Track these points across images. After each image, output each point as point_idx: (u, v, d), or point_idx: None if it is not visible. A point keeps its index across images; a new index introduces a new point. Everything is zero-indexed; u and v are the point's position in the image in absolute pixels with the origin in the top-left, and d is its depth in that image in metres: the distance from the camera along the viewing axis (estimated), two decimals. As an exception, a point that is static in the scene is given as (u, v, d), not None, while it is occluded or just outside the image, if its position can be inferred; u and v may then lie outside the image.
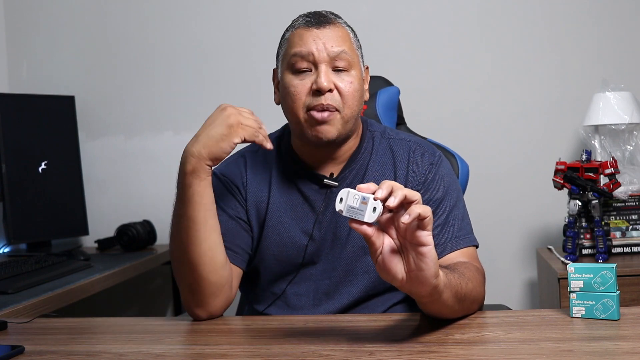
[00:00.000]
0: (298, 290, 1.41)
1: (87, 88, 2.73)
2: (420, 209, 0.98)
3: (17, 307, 1.60)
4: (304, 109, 1.33)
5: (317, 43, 1.33)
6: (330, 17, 1.38)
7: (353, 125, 1.37)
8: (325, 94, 1.31)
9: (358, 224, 1.00)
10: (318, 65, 1.33)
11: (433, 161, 1.42)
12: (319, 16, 1.37)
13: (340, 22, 1.38)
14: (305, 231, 1.40)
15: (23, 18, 2.77)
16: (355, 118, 1.37)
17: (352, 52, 1.35)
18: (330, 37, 1.34)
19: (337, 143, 1.38)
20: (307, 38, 1.34)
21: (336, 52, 1.33)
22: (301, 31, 1.35)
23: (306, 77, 1.34)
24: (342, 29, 1.37)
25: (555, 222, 2.45)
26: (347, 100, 1.33)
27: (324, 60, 1.33)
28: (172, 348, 1.17)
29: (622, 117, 2.23)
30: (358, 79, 1.36)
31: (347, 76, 1.34)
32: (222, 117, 1.26)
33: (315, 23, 1.35)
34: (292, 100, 1.34)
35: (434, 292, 1.06)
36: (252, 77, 2.65)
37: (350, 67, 1.35)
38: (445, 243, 1.34)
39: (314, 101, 1.32)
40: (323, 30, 1.34)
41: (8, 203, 2.32)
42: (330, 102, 1.32)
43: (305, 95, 1.33)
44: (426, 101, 2.52)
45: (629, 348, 1.01)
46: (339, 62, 1.33)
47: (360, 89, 1.37)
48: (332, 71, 1.33)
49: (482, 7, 2.54)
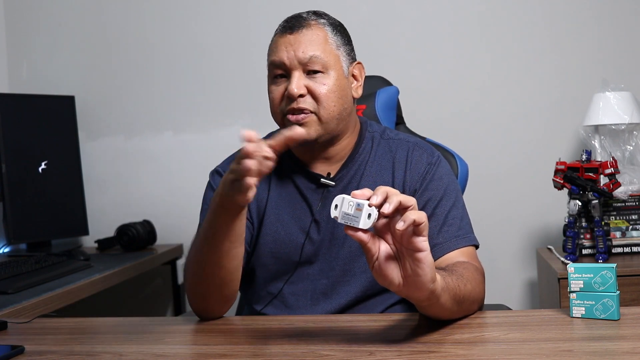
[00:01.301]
0: (295, 290, 1.42)
1: (87, 88, 2.72)
2: (415, 215, 0.98)
3: (17, 307, 1.60)
4: (280, 114, 1.37)
5: (288, 51, 1.36)
6: (307, 19, 1.39)
7: (337, 125, 1.38)
8: (297, 98, 1.34)
9: (353, 231, 1.00)
10: (290, 72, 1.36)
11: (431, 161, 1.42)
12: (295, 20, 1.39)
13: (320, 22, 1.39)
14: (302, 229, 1.41)
15: (23, 18, 2.77)
16: (338, 118, 1.38)
17: (326, 54, 1.36)
18: (302, 42, 1.36)
19: (324, 143, 1.39)
20: (279, 46, 1.37)
21: (307, 58, 1.35)
22: (276, 38, 1.39)
23: (281, 82, 1.38)
24: (318, 30, 1.38)
25: (555, 222, 2.45)
26: (322, 102, 1.35)
27: (295, 67, 1.36)
28: (172, 348, 1.17)
29: (622, 117, 2.23)
30: (335, 78, 1.37)
31: (322, 78, 1.36)
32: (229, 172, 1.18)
33: (289, 28, 1.38)
34: (271, 106, 1.39)
35: (432, 296, 1.06)
36: (252, 77, 2.65)
37: (326, 68, 1.36)
38: (444, 242, 1.34)
39: (287, 106, 1.35)
40: (296, 35, 1.36)
41: (8, 203, 2.32)
42: (302, 106, 1.34)
43: (279, 100, 1.37)
44: (425, 101, 2.52)
45: (629, 348, 1.01)
46: (311, 65, 1.36)
47: (339, 89, 1.37)
48: (306, 75, 1.36)
49: (481, 7, 2.54)
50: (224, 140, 2.59)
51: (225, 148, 1.64)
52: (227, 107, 2.68)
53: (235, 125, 2.65)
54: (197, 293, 1.32)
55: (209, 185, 1.48)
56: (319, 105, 1.35)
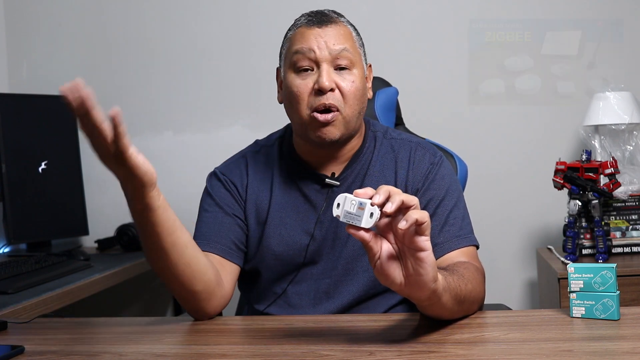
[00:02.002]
0: (299, 289, 1.41)
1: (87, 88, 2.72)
2: (417, 214, 0.98)
3: (17, 307, 1.60)
4: (307, 109, 1.33)
5: (318, 41, 1.33)
6: (332, 15, 1.38)
7: (355, 124, 1.37)
8: (327, 93, 1.31)
9: (355, 230, 1.00)
10: (320, 63, 1.33)
11: (434, 161, 1.42)
12: (321, 15, 1.37)
13: (343, 20, 1.39)
14: (306, 231, 1.40)
15: (23, 18, 2.77)
16: (358, 117, 1.37)
17: (354, 51, 1.36)
18: (332, 35, 1.34)
19: (340, 143, 1.38)
20: (308, 36, 1.34)
21: (338, 50, 1.33)
22: (303, 29, 1.35)
23: (308, 76, 1.34)
24: (344, 27, 1.37)
25: (555, 222, 2.45)
26: (348, 100, 1.33)
27: (325, 59, 1.33)
28: (172, 348, 1.17)
29: (622, 117, 2.23)
30: (360, 77, 1.36)
31: (349, 75, 1.34)
32: None
33: (317, 22, 1.35)
34: (296, 101, 1.34)
35: (433, 296, 1.06)
36: (252, 77, 2.65)
37: (353, 65, 1.35)
38: (445, 242, 1.34)
39: (316, 101, 1.32)
40: (325, 28, 1.34)
41: (8, 203, 2.32)
42: (331, 102, 1.32)
43: (307, 95, 1.33)
44: (425, 101, 2.52)
45: (629, 348, 1.01)
46: (340, 60, 1.33)
47: (362, 88, 1.37)
48: (333, 70, 1.34)
49: (481, 7, 2.54)
50: (224, 140, 2.60)
51: (225, 148, 1.64)
52: (227, 107, 2.68)
53: (236, 125, 2.65)
54: (177, 296, 1.30)
55: (206, 186, 1.48)
56: (345, 103, 1.33)
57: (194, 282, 1.26)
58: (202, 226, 1.42)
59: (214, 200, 1.43)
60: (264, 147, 1.49)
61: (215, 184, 1.45)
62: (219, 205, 1.41)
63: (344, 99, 1.33)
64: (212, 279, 1.29)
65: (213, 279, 1.29)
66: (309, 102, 1.33)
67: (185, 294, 1.28)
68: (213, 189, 1.44)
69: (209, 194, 1.45)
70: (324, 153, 1.40)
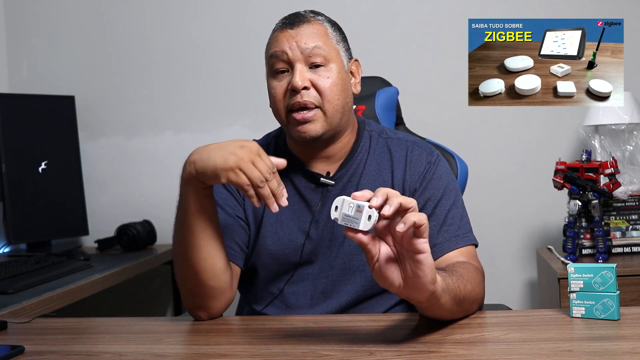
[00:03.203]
0: (296, 289, 1.41)
1: (87, 88, 2.72)
2: (415, 217, 0.98)
3: (17, 307, 1.60)
4: (285, 110, 1.36)
5: (290, 42, 1.35)
6: (306, 15, 1.40)
7: (340, 120, 1.38)
8: (301, 91, 1.33)
9: (353, 232, 1.00)
10: (293, 64, 1.35)
11: (431, 160, 1.42)
12: (295, 17, 1.39)
13: (319, 19, 1.40)
14: (302, 230, 1.41)
15: (23, 18, 2.77)
16: (342, 112, 1.37)
17: (327, 47, 1.36)
18: (304, 34, 1.36)
19: (326, 139, 1.38)
20: (281, 39, 1.37)
21: (309, 48, 1.35)
22: (277, 33, 1.39)
23: (284, 77, 1.36)
24: (318, 25, 1.38)
25: (555, 222, 2.45)
26: (326, 96, 1.35)
27: (297, 59, 1.35)
28: (172, 348, 1.17)
29: (622, 117, 2.23)
30: (337, 72, 1.37)
31: (324, 71, 1.35)
32: (229, 151, 1.20)
33: (289, 23, 1.38)
34: (274, 103, 1.38)
35: (432, 297, 1.06)
36: (252, 77, 2.64)
37: (327, 61, 1.36)
38: (444, 242, 1.34)
39: (291, 100, 1.34)
40: (297, 29, 1.36)
41: (8, 203, 2.32)
42: (307, 99, 1.33)
43: (283, 96, 1.36)
44: (425, 101, 2.52)
45: (629, 348, 1.01)
46: (313, 58, 1.35)
47: (341, 82, 1.37)
48: (308, 69, 1.35)
49: (481, 7, 2.54)
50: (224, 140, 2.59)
51: (225, 148, 1.64)
52: (227, 107, 2.68)
53: (236, 125, 2.66)
54: (187, 288, 1.31)
55: None
56: (323, 99, 1.34)
57: (211, 276, 1.29)
58: None
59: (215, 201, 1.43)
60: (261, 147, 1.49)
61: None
62: (221, 206, 1.41)
63: (321, 96, 1.35)
64: (226, 280, 1.32)
65: (227, 280, 1.32)
66: (285, 102, 1.36)
67: (199, 288, 1.29)
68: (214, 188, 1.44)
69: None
70: (313, 151, 1.41)
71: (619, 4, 2.48)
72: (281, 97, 1.36)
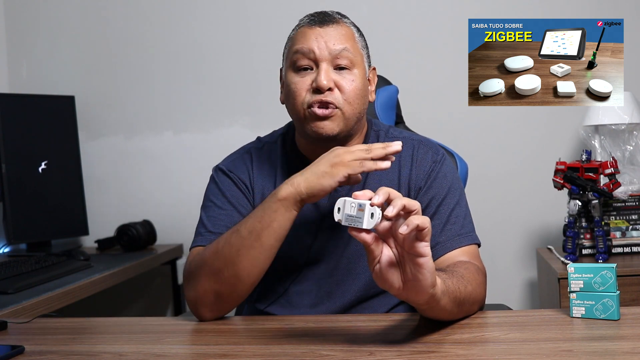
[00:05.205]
0: (301, 289, 1.41)
1: (87, 88, 2.72)
2: (419, 219, 0.98)
3: (17, 307, 1.60)
4: (303, 105, 1.34)
5: (318, 41, 1.34)
6: (334, 16, 1.38)
7: (355, 124, 1.37)
8: (325, 92, 1.32)
9: (357, 232, 1.01)
10: (319, 63, 1.33)
11: (436, 159, 1.42)
12: (323, 15, 1.38)
13: (346, 21, 1.39)
14: (309, 230, 1.40)
15: (23, 18, 2.77)
16: (358, 117, 1.37)
17: (354, 51, 1.36)
18: (333, 35, 1.34)
19: (338, 140, 1.38)
20: (309, 36, 1.34)
21: (338, 50, 1.33)
22: (304, 29, 1.36)
23: (307, 74, 1.34)
24: (346, 27, 1.37)
25: (555, 222, 2.45)
26: (348, 98, 1.33)
27: (324, 59, 1.33)
28: (172, 348, 1.17)
29: (622, 117, 2.23)
30: (360, 77, 1.36)
31: (349, 74, 1.34)
32: (329, 157, 1.25)
33: (319, 21, 1.36)
34: (293, 97, 1.35)
35: (432, 300, 1.06)
36: (252, 77, 2.65)
37: (353, 65, 1.35)
38: (447, 241, 1.33)
39: (313, 98, 1.33)
40: (326, 28, 1.35)
41: (8, 203, 2.32)
42: (329, 99, 1.32)
43: (304, 91, 1.34)
44: (425, 100, 2.52)
45: (629, 348, 1.01)
46: (340, 60, 1.34)
47: (363, 88, 1.37)
48: (333, 70, 1.34)
49: (481, 7, 2.54)
50: (224, 140, 2.60)
51: (225, 148, 1.64)
52: (227, 107, 2.68)
53: (235, 125, 2.66)
54: (211, 291, 1.29)
55: (213, 181, 1.46)
56: (345, 101, 1.33)
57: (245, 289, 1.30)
58: (215, 222, 1.39)
59: (226, 198, 1.42)
60: (267, 144, 1.48)
61: (224, 180, 1.43)
62: (233, 204, 1.40)
63: (344, 98, 1.33)
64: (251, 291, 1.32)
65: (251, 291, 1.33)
66: (306, 98, 1.34)
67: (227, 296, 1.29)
68: (223, 184, 1.43)
69: (219, 190, 1.43)
70: (323, 151, 1.40)
71: (619, 4, 2.48)
72: (302, 92, 1.34)
